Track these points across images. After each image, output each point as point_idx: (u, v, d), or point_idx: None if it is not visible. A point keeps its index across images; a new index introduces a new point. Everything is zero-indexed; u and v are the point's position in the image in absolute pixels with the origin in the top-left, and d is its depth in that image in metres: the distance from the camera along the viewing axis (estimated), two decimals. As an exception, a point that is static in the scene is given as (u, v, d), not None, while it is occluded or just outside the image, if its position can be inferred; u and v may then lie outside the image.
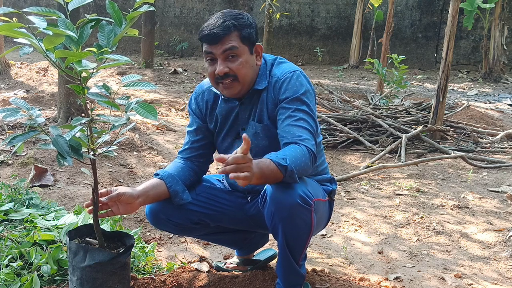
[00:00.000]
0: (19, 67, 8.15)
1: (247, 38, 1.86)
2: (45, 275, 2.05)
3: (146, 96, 6.92)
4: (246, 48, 1.86)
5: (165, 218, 2.00)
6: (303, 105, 1.86)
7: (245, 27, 1.85)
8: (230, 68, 1.84)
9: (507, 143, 5.22)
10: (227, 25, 1.82)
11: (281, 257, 1.86)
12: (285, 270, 1.88)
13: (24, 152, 3.85)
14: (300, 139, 1.78)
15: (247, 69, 1.87)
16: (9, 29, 1.45)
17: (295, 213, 1.73)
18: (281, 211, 1.74)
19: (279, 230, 1.78)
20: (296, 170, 1.69)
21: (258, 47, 1.92)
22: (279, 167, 1.66)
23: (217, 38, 1.82)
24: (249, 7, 12.28)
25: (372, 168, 4.12)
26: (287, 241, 1.80)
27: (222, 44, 1.82)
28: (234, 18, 1.85)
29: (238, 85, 1.88)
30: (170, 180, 1.96)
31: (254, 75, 1.92)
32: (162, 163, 4.18)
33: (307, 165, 1.76)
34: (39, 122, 1.58)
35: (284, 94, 1.88)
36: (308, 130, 1.83)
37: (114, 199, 1.82)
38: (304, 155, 1.75)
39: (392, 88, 6.61)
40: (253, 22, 1.90)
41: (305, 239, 1.83)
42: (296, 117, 1.83)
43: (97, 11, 12.09)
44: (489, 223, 3.10)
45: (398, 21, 11.72)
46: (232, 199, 2.09)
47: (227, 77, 1.86)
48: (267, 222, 1.81)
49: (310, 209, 1.76)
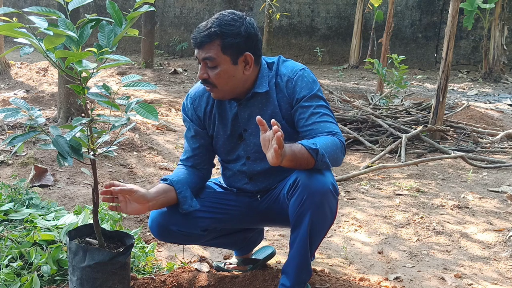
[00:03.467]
0: (19, 67, 8.15)
1: (229, 48, 1.81)
2: (45, 275, 2.05)
3: (146, 96, 6.92)
4: (227, 58, 1.82)
5: (175, 230, 1.95)
6: (321, 100, 1.89)
7: (230, 37, 1.80)
8: (208, 75, 1.84)
9: (507, 143, 5.22)
10: (210, 33, 1.79)
11: (298, 249, 1.83)
12: (299, 263, 1.84)
13: (24, 152, 3.85)
14: (331, 133, 1.81)
15: (225, 79, 1.84)
16: (9, 29, 1.45)
17: (325, 200, 1.76)
18: (313, 196, 1.74)
19: (307, 216, 1.77)
20: (327, 155, 1.72)
21: (248, 57, 1.84)
22: (310, 151, 1.68)
23: (199, 44, 1.82)
24: (249, 7, 12.28)
25: (372, 168, 4.12)
26: (311, 229, 1.79)
27: (202, 51, 1.82)
28: (221, 25, 1.80)
29: (218, 91, 1.88)
30: (179, 186, 1.93)
31: (238, 83, 1.88)
32: (162, 163, 4.18)
33: (337, 154, 1.78)
34: (39, 122, 1.58)
35: (300, 93, 1.88)
36: (335, 123, 1.87)
37: (126, 193, 1.79)
38: (335, 144, 1.77)
39: (392, 88, 6.61)
40: (245, 31, 1.82)
41: (327, 229, 1.86)
42: (320, 113, 1.85)
43: (97, 11, 12.09)
44: (489, 223, 3.10)
45: (398, 21, 11.72)
46: (239, 199, 2.08)
47: (207, 83, 1.88)
48: (293, 210, 1.79)
49: (337, 199, 1.82)
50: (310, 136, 1.82)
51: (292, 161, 1.68)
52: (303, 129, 1.86)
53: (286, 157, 1.65)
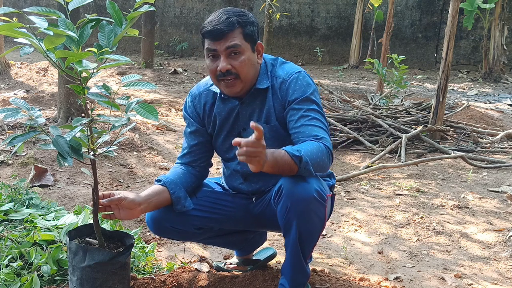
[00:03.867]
0: (19, 67, 8.15)
1: (250, 36, 1.85)
2: (45, 275, 2.05)
3: (146, 96, 6.92)
4: (248, 45, 1.86)
5: (169, 226, 1.98)
6: (313, 104, 1.87)
7: (248, 25, 1.85)
8: (232, 65, 1.83)
9: (507, 143, 5.22)
10: (231, 22, 1.81)
11: (291, 255, 1.83)
12: (293, 268, 1.85)
13: (24, 152, 3.85)
14: (317, 138, 1.78)
15: (249, 67, 1.86)
16: (10, 29, 1.45)
17: (311, 207, 1.73)
18: (297, 205, 1.72)
19: (293, 225, 1.76)
20: (311, 162, 1.69)
21: (260, 46, 1.92)
22: (294, 158, 1.66)
23: (221, 34, 1.80)
24: (249, 7, 12.28)
25: (372, 168, 4.12)
26: (300, 237, 1.78)
27: (225, 41, 1.81)
28: (237, 15, 1.84)
29: (240, 83, 1.87)
30: (173, 187, 1.95)
31: (255, 73, 1.91)
32: (162, 163, 4.18)
33: (323, 161, 1.75)
34: (39, 122, 1.58)
35: (293, 95, 1.88)
36: (323, 129, 1.83)
37: (115, 202, 1.81)
38: (321, 151, 1.74)
39: (392, 88, 6.61)
40: (255, 20, 1.90)
41: (317, 235, 1.83)
42: (309, 117, 1.83)
43: (97, 11, 12.10)
44: (489, 223, 3.10)
45: (398, 21, 11.72)
46: (235, 201, 2.08)
47: (230, 75, 1.85)
48: (280, 218, 1.79)
49: (325, 205, 1.77)
50: (297, 139, 1.81)
51: (274, 167, 1.66)
52: (292, 131, 1.86)
53: (267, 163, 1.62)
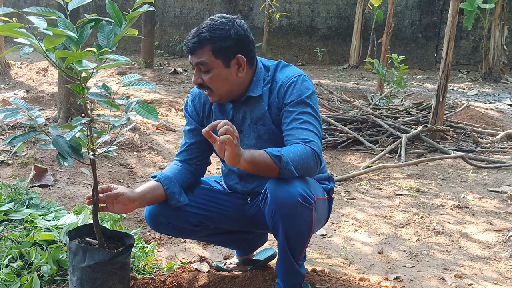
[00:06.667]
0: (19, 67, 8.15)
1: (221, 52, 1.83)
2: (45, 275, 2.05)
3: (146, 96, 6.92)
4: (219, 62, 1.84)
5: (165, 221, 2.01)
6: (307, 107, 1.86)
7: (220, 41, 1.82)
8: (203, 80, 1.87)
9: (507, 143, 5.22)
10: (200, 38, 1.82)
11: (281, 256, 1.86)
12: (285, 269, 1.88)
13: (24, 152, 3.85)
14: (305, 141, 1.77)
15: (218, 83, 1.87)
16: (9, 29, 1.45)
17: (296, 211, 1.73)
18: (282, 209, 1.73)
19: (280, 228, 1.77)
20: (293, 164, 1.69)
21: (240, 59, 1.86)
22: (273, 157, 1.66)
23: (192, 50, 1.85)
24: (249, 7, 12.28)
25: (372, 168, 4.12)
26: (287, 240, 1.79)
27: (195, 57, 1.85)
28: (211, 30, 1.82)
29: (215, 95, 1.91)
30: (167, 182, 1.97)
31: (233, 86, 1.90)
32: (162, 163, 4.18)
33: (308, 164, 1.74)
34: (39, 122, 1.58)
35: (289, 98, 1.88)
36: (314, 132, 1.82)
37: (112, 197, 1.84)
38: (306, 154, 1.73)
39: (392, 88, 6.61)
40: (235, 34, 1.83)
41: (306, 238, 1.83)
42: (301, 120, 1.83)
43: (97, 11, 12.09)
44: (489, 223, 3.10)
45: (398, 21, 11.71)
46: (232, 200, 2.10)
47: (203, 88, 1.90)
48: (268, 221, 1.81)
49: (311, 208, 1.76)
50: (287, 142, 1.82)
51: (251, 163, 1.66)
52: (284, 133, 1.86)
53: (244, 158, 1.63)
